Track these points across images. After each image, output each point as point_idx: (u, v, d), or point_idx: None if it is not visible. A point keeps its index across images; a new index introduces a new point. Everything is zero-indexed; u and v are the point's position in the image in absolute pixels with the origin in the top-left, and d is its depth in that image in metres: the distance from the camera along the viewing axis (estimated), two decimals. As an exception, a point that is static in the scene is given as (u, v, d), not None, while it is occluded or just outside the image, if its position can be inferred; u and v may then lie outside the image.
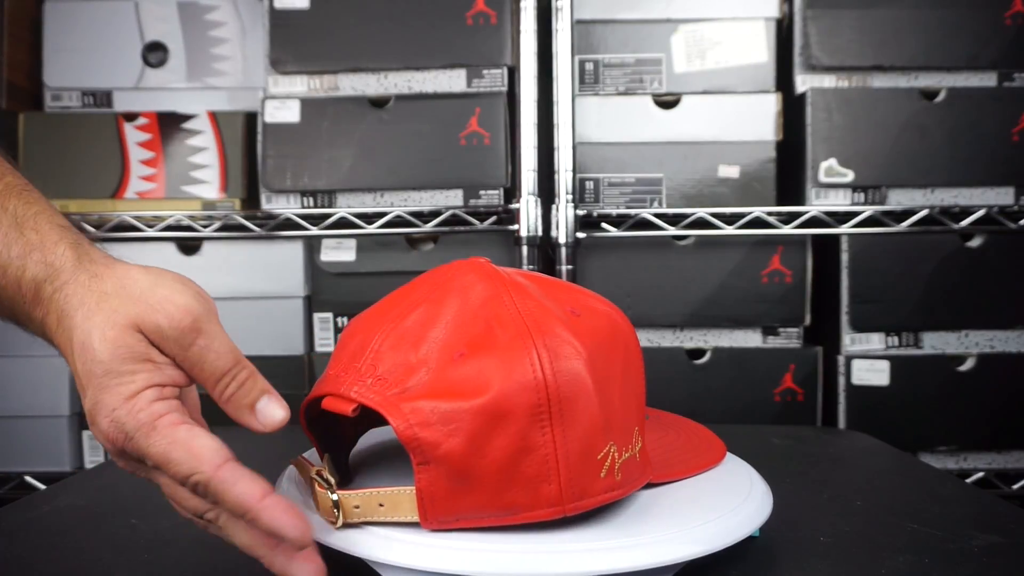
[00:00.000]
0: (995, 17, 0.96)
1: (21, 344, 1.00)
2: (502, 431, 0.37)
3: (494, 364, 0.38)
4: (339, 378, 0.40)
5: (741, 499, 0.41)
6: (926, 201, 0.97)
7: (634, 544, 0.35)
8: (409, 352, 0.39)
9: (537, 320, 0.39)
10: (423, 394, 0.37)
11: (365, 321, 0.43)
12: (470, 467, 0.37)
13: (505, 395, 0.37)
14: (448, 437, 0.36)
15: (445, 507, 0.37)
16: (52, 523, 0.47)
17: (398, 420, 0.36)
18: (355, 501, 0.38)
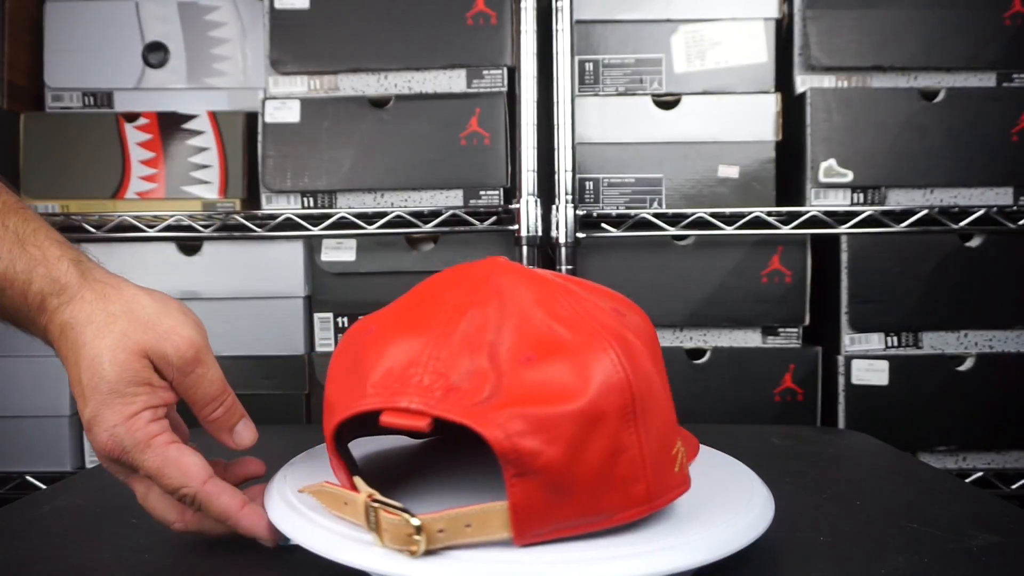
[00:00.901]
0: (994, 17, 0.96)
1: (21, 344, 1.00)
2: (598, 435, 0.36)
3: (576, 367, 0.36)
4: (389, 391, 0.37)
5: (743, 506, 0.41)
6: (925, 201, 0.97)
7: (636, 553, 0.35)
8: (476, 359, 0.37)
9: (600, 320, 0.39)
10: (511, 401, 0.35)
11: (395, 329, 0.40)
12: (568, 474, 0.35)
13: (600, 397, 0.36)
14: (547, 445, 0.35)
15: (541, 519, 0.36)
16: (52, 523, 0.47)
17: (494, 431, 0.34)
18: (439, 524, 0.35)
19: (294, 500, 0.41)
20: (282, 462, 0.48)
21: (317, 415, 1.00)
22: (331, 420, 0.39)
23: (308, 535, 0.37)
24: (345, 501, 0.38)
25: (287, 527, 0.39)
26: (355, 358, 0.41)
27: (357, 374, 0.39)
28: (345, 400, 0.39)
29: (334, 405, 0.40)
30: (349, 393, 0.39)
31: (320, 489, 0.39)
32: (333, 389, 0.41)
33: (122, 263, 1.01)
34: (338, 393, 0.40)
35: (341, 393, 0.40)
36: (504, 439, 0.34)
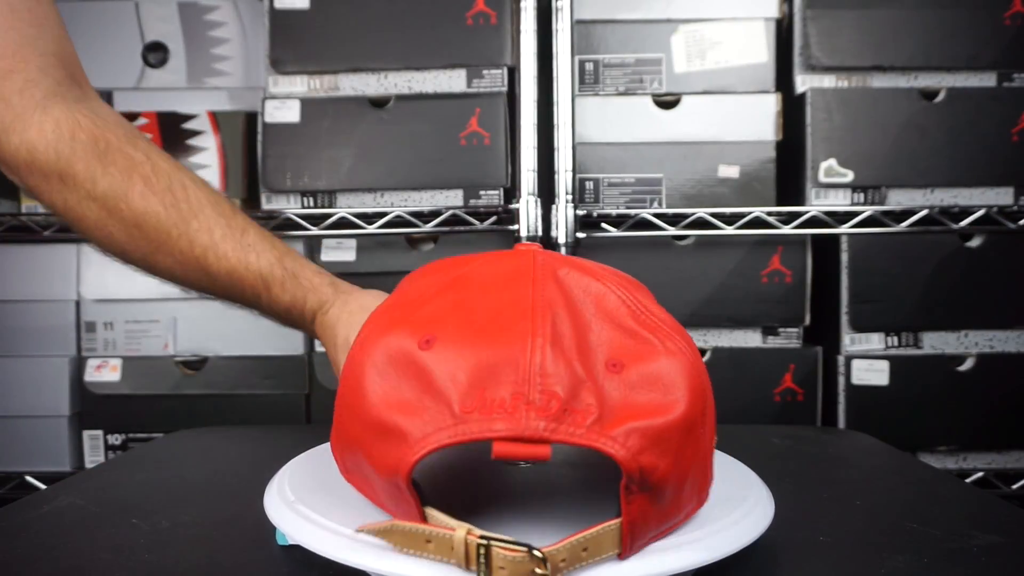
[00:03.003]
0: (995, 17, 0.96)
1: (21, 344, 1.00)
2: (692, 441, 0.36)
3: (665, 372, 0.36)
4: (490, 412, 0.33)
5: (743, 506, 0.41)
6: (926, 201, 0.97)
7: (637, 553, 0.35)
8: (572, 368, 0.34)
9: (658, 316, 0.38)
10: (622, 416, 0.34)
11: (465, 336, 0.36)
12: (671, 482, 0.35)
13: (692, 404, 0.35)
14: (661, 459, 0.34)
15: (645, 531, 0.35)
16: (52, 523, 0.47)
17: (619, 450, 0.33)
18: (562, 555, 0.33)
19: (294, 500, 0.41)
20: (282, 462, 0.48)
21: (317, 415, 1.00)
22: (406, 452, 0.34)
23: (308, 535, 0.37)
24: (428, 539, 0.34)
25: (287, 527, 0.39)
26: (412, 371, 0.36)
27: (425, 392, 0.35)
28: (420, 425, 0.34)
29: (403, 432, 0.34)
30: (421, 415, 0.34)
31: (391, 528, 0.35)
32: (390, 412, 0.35)
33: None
34: (402, 416, 0.35)
35: (408, 415, 0.35)
36: (630, 458, 0.33)
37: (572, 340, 0.36)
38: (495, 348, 0.35)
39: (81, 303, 1.02)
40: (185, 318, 1.01)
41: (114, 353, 1.01)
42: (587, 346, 0.36)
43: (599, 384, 0.35)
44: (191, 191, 0.58)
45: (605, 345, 0.37)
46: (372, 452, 0.36)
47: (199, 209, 0.57)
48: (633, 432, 0.33)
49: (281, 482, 0.44)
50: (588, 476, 0.47)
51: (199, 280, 0.59)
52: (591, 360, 0.35)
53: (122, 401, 0.99)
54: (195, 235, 0.57)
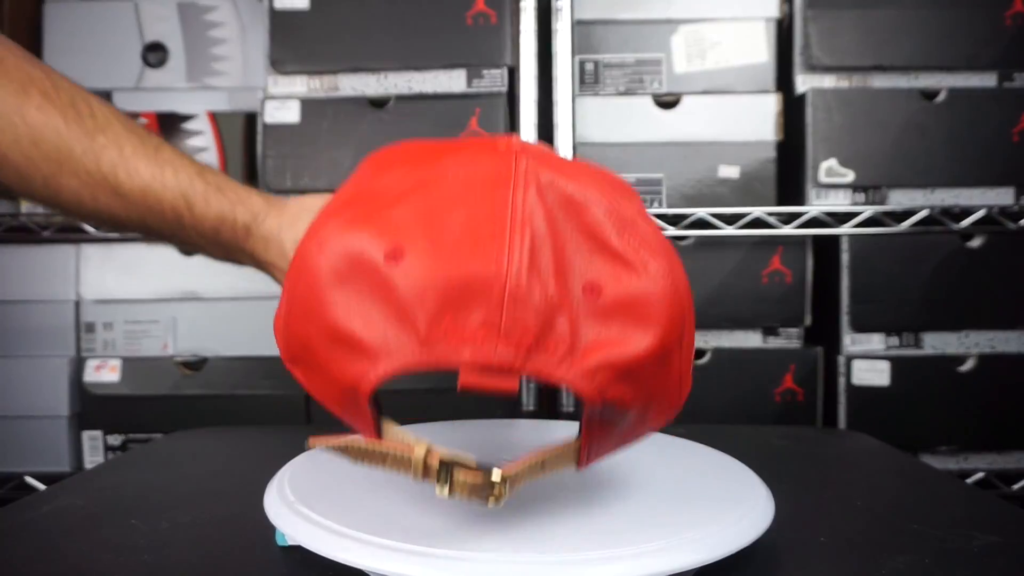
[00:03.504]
0: (995, 17, 0.96)
1: (21, 345, 1.00)
2: (663, 368, 0.35)
3: (642, 298, 0.34)
4: (458, 337, 0.32)
5: (743, 506, 0.41)
6: (926, 201, 0.97)
7: (636, 553, 0.35)
8: (547, 290, 0.32)
9: (648, 231, 0.36)
10: (593, 347, 0.33)
11: (433, 248, 0.33)
12: (636, 410, 0.35)
13: (667, 333, 0.34)
14: (629, 390, 0.34)
15: (602, 451, 0.36)
16: (52, 523, 0.47)
17: (586, 386, 0.32)
18: (523, 476, 0.35)
19: (295, 500, 0.41)
20: (282, 462, 0.48)
21: (317, 415, 1.00)
22: (367, 369, 0.33)
23: (308, 535, 0.37)
24: (386, 456, 0.34)
25: (287, 527, 0.39)
26: (376, 283, 0.33)
27: (390, 307, 0.33)
28: (384, 344, 0.32)
29: (364, 347, 0.33)
30: (384, 334, 0.32)
31: (347, 445, 0.34)
32: (351, 323, 0.33)
33: (121, 263, 1.01)
34: (365, 330, 0.33)
35: (370, 330, 0.33)
36: (597, 393, 0.32)
37: (550, 260, 0.33)
38: (468, 268, 0.32)
39: (80, 303, 1.01)
40: (185, 318, 1.01)
41: (113, 353, 1.01)
42: (565, 267, 0.34)
43: (574, 311, 0.33)
44: (96, 108, 0.53)
45: (584, 266, 0.34)
46: (329, 358, 0.34)
47: (106, 124, 0.52)
48: (603, 368, 0.32)
49: (281, 482, 0.44)
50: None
51: (110, 205, 0.52)
52: (568, 283, 0.33)
53: (122, 401, 0.99)
54: (102, 151, 0.51)
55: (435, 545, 0.35)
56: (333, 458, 0.35)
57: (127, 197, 0.51)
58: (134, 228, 0.54)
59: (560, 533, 0.38)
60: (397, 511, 0.40)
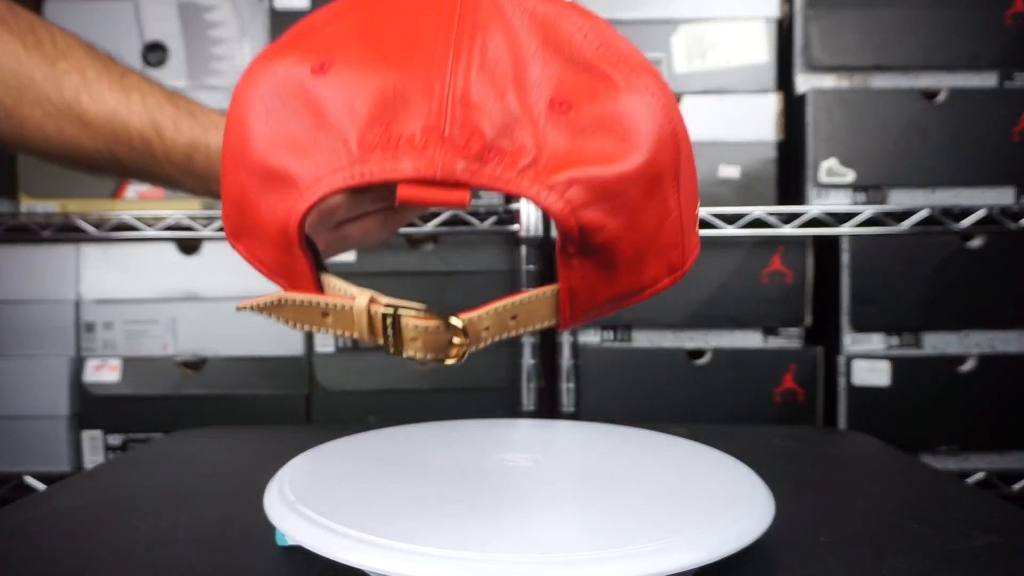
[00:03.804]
0: (996, 17, 0.96)
1: (20, 344, 1.00)
2: (654, 198, 0.30)
3: (623, 114, 0.29)
4: (394, 148, 0.27)
5: (743, 506, 0.41)
6: (927, 201, 0.97)
7: (635, 553, 0.35)
8: (505, 101, 0.28)
9: (621, 50, 0.32)
10: (563, 162, 0.28)
11: (367, 57, 0.29)
12: (624, 248, 0.30)
13: (656, 153, 0.29)
14: (611, 216, 0.29)
15: (591, 301, 0.31)
16: (51, 524, 0.47)
17: (555, 201, 0.28)
18: (485, 322, 0.29)
19: (295, 500, 0.41)
20: (282, 462, 0.48)
21: (318, 415, 1.00)
22: (296, 200, 0.28)
23: (308, 535, 0.37)
24: (325, 312, 0.30)
25: (287, 527, 0.39)
26: (301, 102, 0.29)
27: (317, 127, 0.28)
28: (312, 167, 0.28)
29: (288, 172, 0.29)
30: (312, 156, 0.28)
31: (280, 301, 0.30)
32: (278, 154, 0.29)
33: (121, 263, 1.01)
34: (292, 157, 0.29)
35: (298, 157, 0.28)
36: (568, 213, 0.28)
37: (508, 70, 0.29)
38: (405, 72, 0.28)
39: (80, 303, 1.01)
40: (185, 318, 1.01)
41: (114, 353, 1.01)
42: (526, 80, 0.29)
43: (538, 124, 0.28)
44: (58, 35, 0.50)
45: (551, 80, 0.30)
46: (260, 204, 0.30)
47: (68, 50, 0.49)
48: (576, 182, 0.28)
49: (281, 482, 0.44)
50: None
51: (77, 136, 0.49)
52: (530, 96, 0.29)
53: (121, 401, 0.99)
54: (63, 76, 0.48)
55: (435, 545, 0.35)
56: (270, 320, 0.31)
57: (93, 126, 0.49)
58: (105, 162, 0.50)
59: (560, 533, 0.38)
60: (397, 511, 0.40)
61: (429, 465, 0.48)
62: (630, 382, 0.97)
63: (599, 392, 0.98)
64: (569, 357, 1.00)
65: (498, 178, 0.27)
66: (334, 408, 0.99)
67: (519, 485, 0.44)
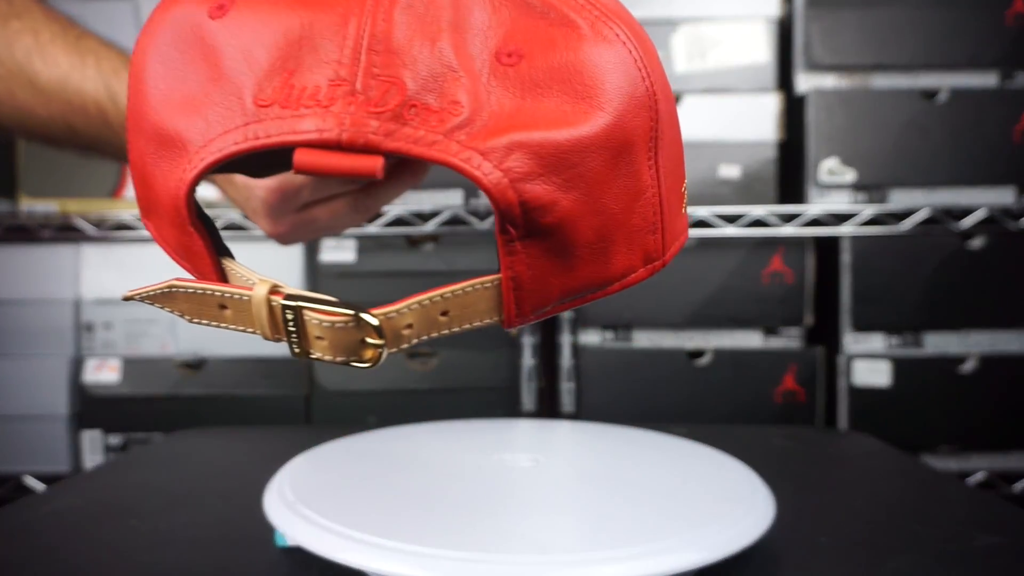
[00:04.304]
0: (996, 17, 0.96)
1: (20, 344, 1.00)
2: (621, 171, 0.25)
3: (585, 68, 0.24)
4: (296, 104, 0.23)
5: (743, 506, 0.41)
6: (927, 201, 0.97)
7: (635, 554, 0.35)
8: (435, 49, 0.24)
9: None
10: (505, 124, 0.23)
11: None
12: (583, 231, 0.25)
13: (625, 115, 0.24)
14: (564, 191, 0.24)
15: (542, 295, 0.26)
16: (51, 524, 0.47)
17: (489, 172, 0.23)
18: (407, 319, 0.25)
19: (294, 501, 0.41)
20: (282, 463, 0.48)
21: (318, 415, 1.00)
22: (177, 164, 0.25)
23: (308, 535, 0.37)
24: (223, 304, 0.26)
25: (287, 527, 0.39)
26: (197, 51, 0.25)
27: (212, 79, 0.24)
28: (203, 128, 0.24)
29: (179, 134, 0.25)
30: (204, 114, 0.24)
31: (171, 290, 0.27)
32: (171, 114, 0.25)
33: (121, 263, 1.01)
34: (183, 117, 0.25)
35: (189, 116, 0.25)
36: (507, 186, 0.23)
37: (444, 11, 0.24)
38: (315, 9, 0.24)
39: (80, 303, 1.01)
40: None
41: (113, 353, 1.01)
42: (467, 25, 0.24)
43: (479, 77, 0.24)
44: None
45: (499, 27, 0.25)
46: (155, 174, 0.26)
47: (23, 10, 0.46)
48: (518, 147, 0.23)
49: (281, 483, 0.44)
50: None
51: (27, 100, 0.46)
52: (470, 44, 0.24)
53: (121, 402, 0.99)
54: (15, 37, 0.45)
55: (435, 545, 0.35)
56: (161, 309, 0.28)
57: (45, 91, 0.45)
58: (60, 132, 0.47)
59: (560, 533, 0.38)
60: (397, 511, 0.40)
61: (429, 465, 0.48)
62: (630, 382, 0.97)
63: (599, 392, 0.98)
64: (569, 357, 1.00)
65: (419, 140, 0.23)
66: (334, 408, 0.99)
67: (519, 485, 0.44)
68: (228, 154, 0.24)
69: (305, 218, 0.44)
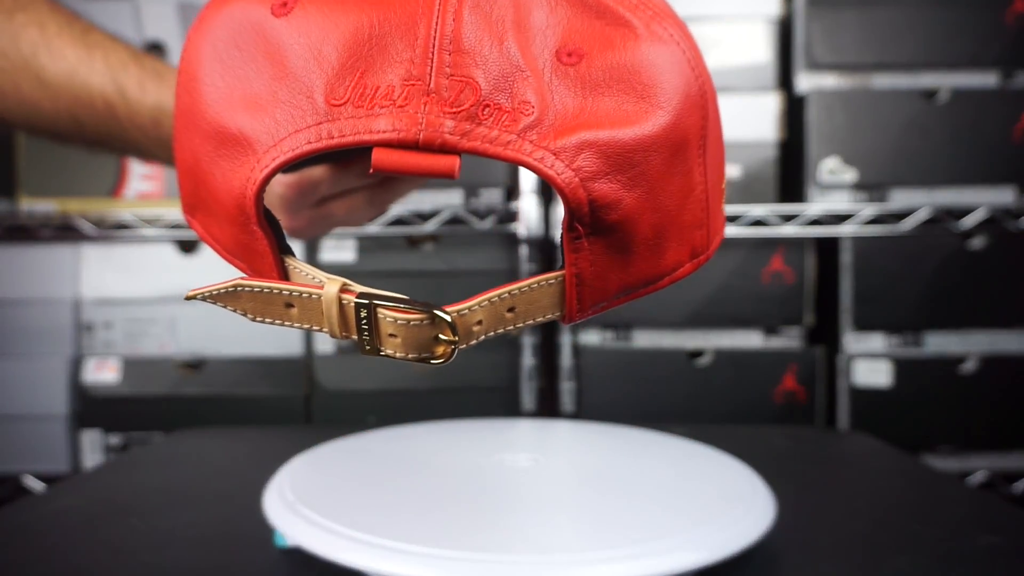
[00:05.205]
0: (996, 16, 0.96)
1: (19, 344, 1.00)
2: (678, 169, 0.26)
3: (643, 68, 0.25)
4: (370, 104, 0.23)
5: (743, 506, 0.41)
6: (927, 200, 0.97)
7: (636, 554, 0.35)
8: (503, 49, 0.24)
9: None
10: (572, 123, 0.24)
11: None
12: (643, 228, 0.26)
13: (682, 115, 0.25)
14: (628, 189, 0.24)
15: (603, 291, 0.26)
16: (51, 524, 0.47)
17: (563, 171, 0.23)
18: (478, 316, 0.25)
19: (294, 501, 0.41)
20: (282, 463, 0.48)
21: (318, 415, 1.00)
22: (253, 166, 0.24)
23: (308, 535, 0.37)
24: (289, 302, 0.25)
25: (287, 527, 0.39)
26: (260, 49, 0.25)
27: (277, 78, 0.24)
28: (271, 126, 0.24)
29: (243, 133, 0.24)
30: (272, 113, 0.24)
31: (236, 289, 0.26)
32: (233, 113, 0.25)
33: (121, 262, 1.01)
34: (249, 116, 0.24)
35: (255, 115, 0.24)
36: (577, 184, 0.24)
37: (508, 11, 0.24)
38: (383, 8, 0.24)
39: (80, 303, 1.01)
40: (184, 318, 1.01)
41: (113, 353, 1.01)
42: (529, 25, 0.25)
43: (543, 76, 0.24)
44: None
45: (559, 26, 0.25)
46: (213, 173, 0.26)
47: (29, 3, 0.46)
48: (588, 146, 0.24)
49: (281, 483, 0.44)
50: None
51: (34, 94, 0.45)
52: (533, 43, 0.25)
53: (121, 402, 0.99)
54: (21, 30, 0.45)
55: (435, 545, 0.35)
56: (231, 312, 0.27)
57: (52, 85, 0.45)
58: (67, 127, 0.47)
59: (560, 533, 0.38)
60: (397, 511, 0.40)
61: (429, 465, 0.48)
62: (630, 382, 0.97)
63: (599, 392, 0.98)
64: (569, 357, 0.99)
65: (494, 140, 0.23)
66: (334, 408, 0.99)
67: (519, 485, 0.44)
68: (302, 153, 0.23)
69: (322, 212, 0.44)
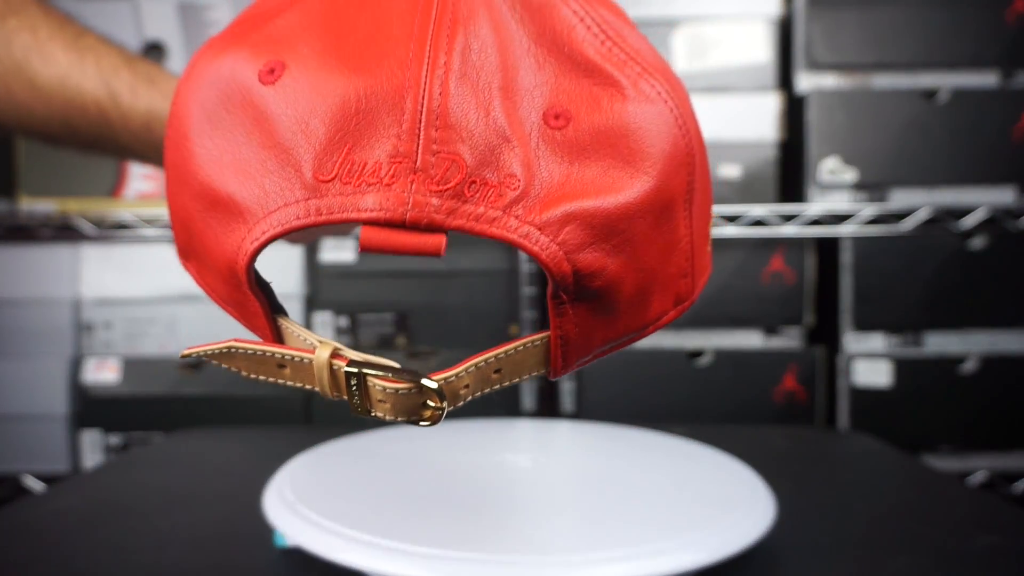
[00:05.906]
0: (997, 16, 0.96)
1: (19, 344, 1.00)
2: (663, 229, 0.26)
3: (629, 129, 0.25)
4: (357, 179, 0.23)
5: (743, 506, 0.41)
6: (927, 200, 0.97)
7: (636, 554, 0.35)
8: (490, 116, 0.24)
9: (641, 47, 0.27)
10: (558, 194, 0.24)
11: (329, 60, 0.24)
12: (626, 289, 0.26)
13: (667, 177, 0.25)
14: (612, 256, 0.24)
15: (586, 348, 0.27)
16: (51, 524, 0.47)
17: (547, 246, 0.23)
18: (465, 381, 0.26)
19: (294, 501, 0.41)
20: (281, 463, 0.48)
21: (318, 415, 1.00)
22: (243, 235, 0.25)
23: (308, 535, 0.37)
24: (281, 363, 0.26)
25: (287, 527, 0.39)
26: (248, 115, 0.25)
27: (266, 146, 0.24)
28: (260, 196, 0.24)
29: (233, 199, 0.25)
30: (261, 183, 0.24)
31: (231, 351, 0.27)
32: (222, 176, 0.25)
33: (121, 263, 1.01)
34: (238, 182, 0.24)
35: (244, 181, 0.24)
36: (562, 258, 0.24)
37: (495, 73, 0.24)
38: (371, 78, 0.23)
39: (80, 303, 1.01)
40: (184, 318, 1.01)
41: (113, 353, 1.01)
42: (516, 87, 0.25)
43: (529, 144, 0.24)
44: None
45: (546, 87, 0.25)
46: (205, 232, 0.26)
47: (20, 6, 0.46)
48: (572, 218, 0.24)
49: (281, 483, 0.44)
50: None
51: (27, 101, 0.45)
52: (520, 107, 0.24)
53: (121, 402, 0.99)
54: (13, 34, 0.45)
55: (435, 545, 0.35)
56: (223, 367, 0.28)
57: (44, 89, 0.45)
58: (60, 131, 0.47)
59: (560, 533, 0.37)
60: (397, 511, 0.40)
61: (429, 465, 0.48)
62: (630, 382, 0.97)
63: (599, 392, 0.98)
64: (569, 357, 0.99)
65: (480, 217, 0.23)
66: (334, 408, 0.99)
67: (519, 485, 0.44)
68: (292, 227, 0.24)
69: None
